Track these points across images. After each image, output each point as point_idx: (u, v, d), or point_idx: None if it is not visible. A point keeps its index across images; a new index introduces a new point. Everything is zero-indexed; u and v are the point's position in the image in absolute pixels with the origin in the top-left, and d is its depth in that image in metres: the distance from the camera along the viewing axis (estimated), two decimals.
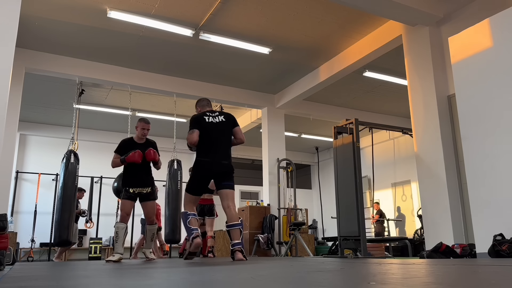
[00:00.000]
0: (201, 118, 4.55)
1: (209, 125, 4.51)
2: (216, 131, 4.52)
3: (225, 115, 4.67)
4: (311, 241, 9.92)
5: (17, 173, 11.30)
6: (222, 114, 4.67)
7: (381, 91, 9.99)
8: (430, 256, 4.99)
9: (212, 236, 7.18)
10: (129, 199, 5.27)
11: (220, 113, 4.67)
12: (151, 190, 5.40)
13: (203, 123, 4.51)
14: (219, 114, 4.65)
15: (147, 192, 5.36)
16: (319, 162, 15.25)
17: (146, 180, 5.39)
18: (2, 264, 3.87)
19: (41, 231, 11.06)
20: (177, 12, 6.67)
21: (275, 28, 7.16)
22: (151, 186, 5.42)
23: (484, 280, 1.74)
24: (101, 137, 12.46)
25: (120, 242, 5.17)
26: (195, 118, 4.57)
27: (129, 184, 5.31)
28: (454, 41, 5.20)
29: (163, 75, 8.97)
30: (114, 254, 5.13)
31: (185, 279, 2.10)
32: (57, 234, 6.84)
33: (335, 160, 6.51)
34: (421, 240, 8.46)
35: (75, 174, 7.16)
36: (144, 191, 5.33)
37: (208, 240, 7.07)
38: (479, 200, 4.64)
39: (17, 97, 7.37)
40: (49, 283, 2.02)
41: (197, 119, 4.55)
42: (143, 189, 5.33)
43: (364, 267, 2.79)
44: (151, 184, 5.43)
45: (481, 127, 4.73)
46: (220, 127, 4.56)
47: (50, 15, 6.67)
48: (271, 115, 10.23)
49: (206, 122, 4.52)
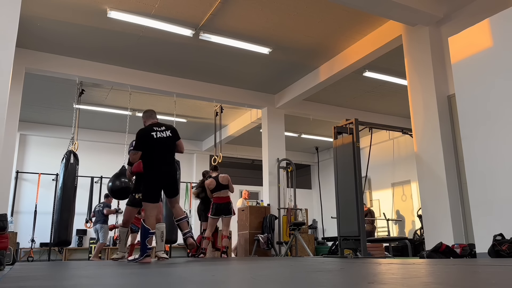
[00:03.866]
0: (149, 136, 4.79)
1: (157, 141, 4.80)
2: (164, 146, 4.84)
3: (171, 130, 4.96)
4: (311, 241, 9.91)
5: (17, 173, 11.29)
6: (169, 128, 4.95)
7: (381, 91, 9.98)
8: (430, 256, 4.99)
9: (228, 236, 6.99)
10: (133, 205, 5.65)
11: (166, 127, 4.93)
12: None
13: (151, 141, 4.78)
14: (165, 128, 4.91)
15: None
16: (319, 162, 15.24)
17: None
18: (2, 264, 3.87)
19: (41, 231, 11.05)
20: (177, 12, 6.67)
21: (275, 28, 7.16)
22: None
23: (484, 280, 1.74)
24: (101, 137, 12.46)
25: (122, 243, 5.85)
26: (142, 136, 4.81)
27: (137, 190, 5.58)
28: (454, 41, 5.20)
29: (163, 75, 8.97)
30: (118, 253, 5.88)
31: (185, 279, 2.10)
32: (56, 234, 6.85)
33: (335, 160, 6.51)
34: (421, 240, 8.46)
35: (74, 174, 7.16)
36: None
37: (223, 240, 6.87)
38: (479, 200, 4.64)
39: (17, 97, 7.37)
40: (49, 283, 2.02)
41: (144, 137, 4.80)
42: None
43: (364, 267, 2.80)
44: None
45: (481, 127, 4.73)
46: (168, 142, 4.89)
47: (50, 15, 6.67)
48: (271, 115, 10.22)
49: (154, 138, 4.78)
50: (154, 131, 4.83)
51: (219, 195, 6.90)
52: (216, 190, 6.93)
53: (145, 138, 4.78)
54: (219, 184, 6.95)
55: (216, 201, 6.88)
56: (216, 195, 6.91)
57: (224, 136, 12.18)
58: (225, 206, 6.90)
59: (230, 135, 12.31)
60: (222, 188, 6.93)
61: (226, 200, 6.94)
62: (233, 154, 14.10)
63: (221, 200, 6.90)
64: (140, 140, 4.80)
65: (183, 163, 13.17)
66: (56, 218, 6.95)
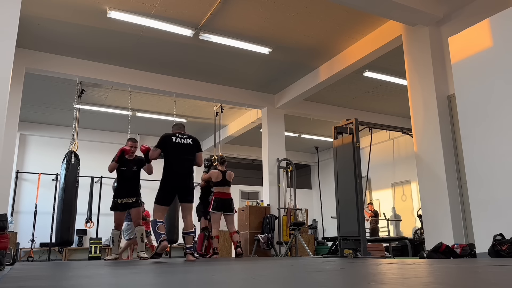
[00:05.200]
0: (169, 139, 5.26)
1: (176, 145, 5.22)
2: (182, 151, 5.23)
3: (193, 139, 5.39)
4: (311, 241, 9.92)
5: (17, 173, 11.29)
6: (191, 137, 5.39)
7: (381, 91, 9.98)
8: (430, 256, 4.99)
9: (237, 232, 6.85)
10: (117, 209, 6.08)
11: (189, 136, 5.38)
12: (135, 199, 6.16)
13: (170, 143, 5.22)
14: (188, 137, 5.37)
15: (132, 202, 6.13)
16: (319, 162, 15.24)
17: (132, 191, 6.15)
18: (2, 264, 3.87)
19: (41, 231, 11.05)
20: (177, 12, 6.67)
21: (275, 28, 7.16)
22: (136, 196, 6.17)
23: (484, 280, 1.74)
24: (101, 137, 12.46)
25: (115, 245, 6.24)
26: (163, 137, 5.30)
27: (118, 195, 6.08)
28: (454, 41, 5.20)
29: (163, 75, 8.97)
30: (112, 254, 6.25)
31: (186, 279, 2.10)
32: (58, 234, 6.86)
33: (335, 160, 6.51)
34: (421, 240, 8.46)
35: (75, 175, 7.16)
36: (130, 201, 6.11)
37: (234, 235, 6.70)
38: (479, 200, 4.64)
39: (17, 97, 7.37)
40: (49, 283, 2.02)
41: (165, 138, 5.28)
42: (129, 199, 6.12)
43: (364, 267, 2.80)
44: (137, 194, 6.20)
45: (481, 127, 4.73)
46: (186, 148, 5.28)
47: (50, 15, 6.67)
48: (271, 115, 10.22)
49: (173, 142, 5.22)
50: (175, 136, 5.29)
51: (223, 190, 6.78)
52: (221, 184, 6.79)
53: (165, 139, 5.24)
54: (225, 179, 6.83)
55: (219, 196, 6.73)
56: (219, 189, 6.79)
57: (224, 136, 12.18)
58: (228, 202, 6.80)
59: (230, 135, 12.31)
60: (226, 184, 6.84)
61: (229, 196, 6.85)
62: (233, 154, 14.09)
63: (225, 196, 6.78)
64: (161, 140, 5.26)
65: None
66: (58, 219, 6.95)
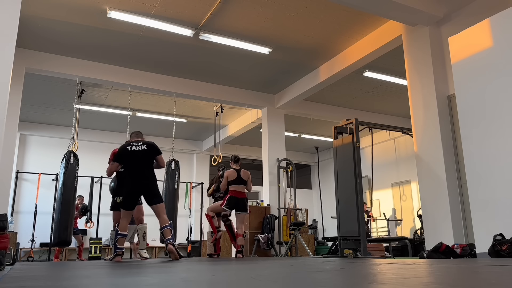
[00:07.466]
0: (125, 149, 5.46)
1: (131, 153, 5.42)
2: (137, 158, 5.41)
3: (147, 145, 5.52)
4: (311, 241, 9.91)
5: (17, 173, 11.29)
6: (145, 143, 5.53)
7: (381, 91, 9.98)
8: (430, 256, 4.99)
9: (243, 235, 6.68)
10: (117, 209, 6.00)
11: (143, 143, 5.54)
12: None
13: (126, 153, 5.42)
14: (142, 143, 5.53)
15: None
16: (319, 162, 15.24)
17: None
18: (2, 264, 3.87)
19: (41, 231, 11.04)
20: (177, 12, 6.67)
21: (275, 28, 7.15)
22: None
23: (484, 280, 1.74)
24: (101, 137, 12.46)
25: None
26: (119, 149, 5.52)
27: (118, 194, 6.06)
28: (454, 41, 5.20)
29: (163, 75, 8.97)
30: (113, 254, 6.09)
31: (185, 279, 2.10)
32: (56, 234, 6.86)
33: (335, 160, 6.51)
34: (421, 240, 8.46)
35: (74, 175, 7.17)
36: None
37: (238, 238, 6.59)
38: (479, 200, 4.63)
39: (17, 97, 7.37)
40: (49, 283, 2.02)
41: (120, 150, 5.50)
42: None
43: (364, 267, 2.80)
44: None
45: (481, 127, 4.73)
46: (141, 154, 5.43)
47: (50, 15, 6.67)
48: (271, 115, 10.22)
49: (129, 151, 5.41)
50: (130, 145, 5.47)
51: (237, 189, 6.65)
52: (235, 183, 6.67)
53: (121, 151, 5.47)
54: (240, 177, 6.71)
55: (233, 194, 6.60)
56: (234, 188, 6.66)
57: (224, 136, 12.19)
58: (242, 201, 6.67)
59: (230, 135, 12.31)
60: (241, 183, 6.70)
61: (244, 196, 6.72)
62: (233, 154, 14.08)
63: (239, 195, 6.65)
64: (117, 153, 5.53)
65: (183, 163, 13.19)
66: (56, 219, 6.97)
